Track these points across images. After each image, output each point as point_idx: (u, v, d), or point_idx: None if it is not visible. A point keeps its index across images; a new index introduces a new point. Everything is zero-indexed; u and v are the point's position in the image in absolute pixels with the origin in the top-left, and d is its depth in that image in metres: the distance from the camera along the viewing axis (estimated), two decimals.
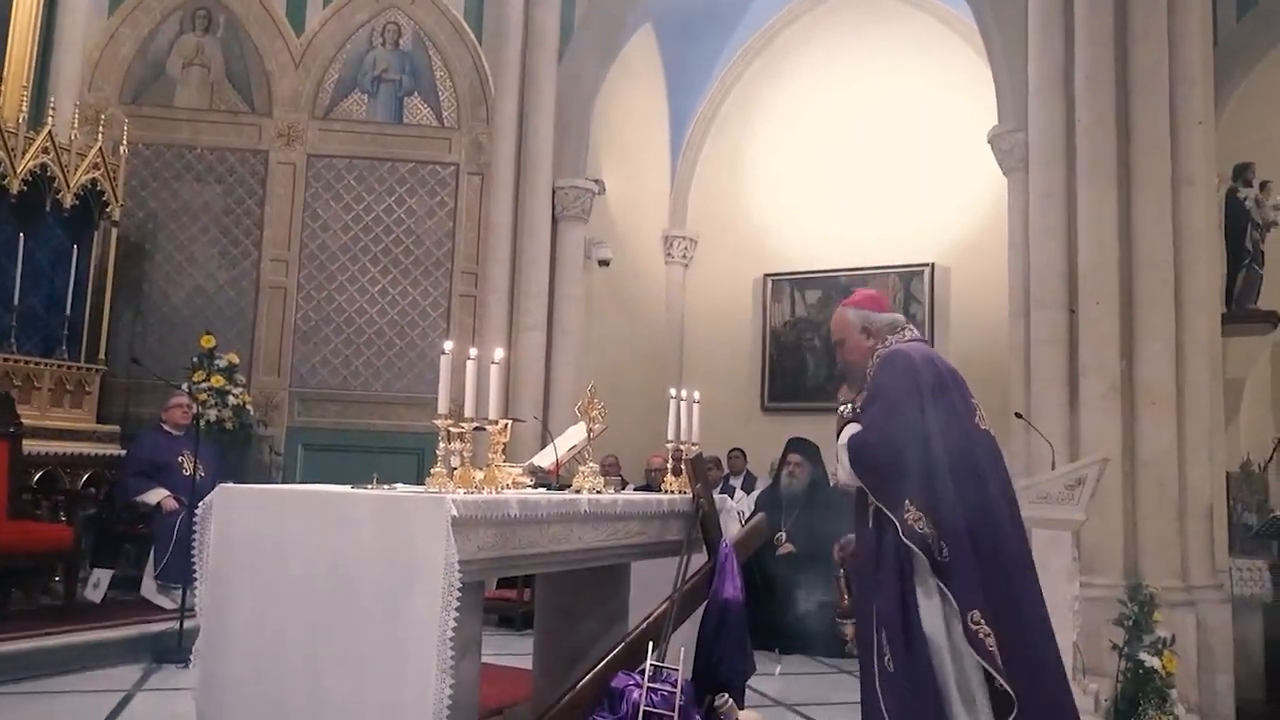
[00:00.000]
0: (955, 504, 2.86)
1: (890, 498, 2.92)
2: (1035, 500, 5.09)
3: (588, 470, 3.56)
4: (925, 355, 3.06)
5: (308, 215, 8.40)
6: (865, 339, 3.18)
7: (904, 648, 2.91)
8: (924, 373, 2.98)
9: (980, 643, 2.77)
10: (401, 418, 8.34)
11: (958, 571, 2.82)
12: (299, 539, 2.85)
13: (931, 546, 2.84)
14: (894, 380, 2.98)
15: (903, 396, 2.94)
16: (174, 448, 6.57)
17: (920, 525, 2.85)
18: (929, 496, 2.86)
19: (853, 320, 3.21)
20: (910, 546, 2.86)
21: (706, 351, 10.62)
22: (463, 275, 8.51)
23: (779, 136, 10.66)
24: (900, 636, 2.91)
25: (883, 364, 3.06)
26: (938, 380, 2.98)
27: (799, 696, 5.01)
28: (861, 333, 3.19)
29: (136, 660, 5.31)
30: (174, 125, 8.29)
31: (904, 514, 2.87)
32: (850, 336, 3.21)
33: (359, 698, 2.65)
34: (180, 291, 8.17)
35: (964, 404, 3.01)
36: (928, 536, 2.84)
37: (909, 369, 2.98)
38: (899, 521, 2.88)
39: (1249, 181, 7.39)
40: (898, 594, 2.92)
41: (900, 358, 3.03)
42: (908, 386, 2.95)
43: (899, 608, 2.92)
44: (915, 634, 2.89)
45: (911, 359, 3.01)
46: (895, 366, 3.01)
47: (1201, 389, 6.09)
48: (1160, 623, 5.16)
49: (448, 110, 8.66)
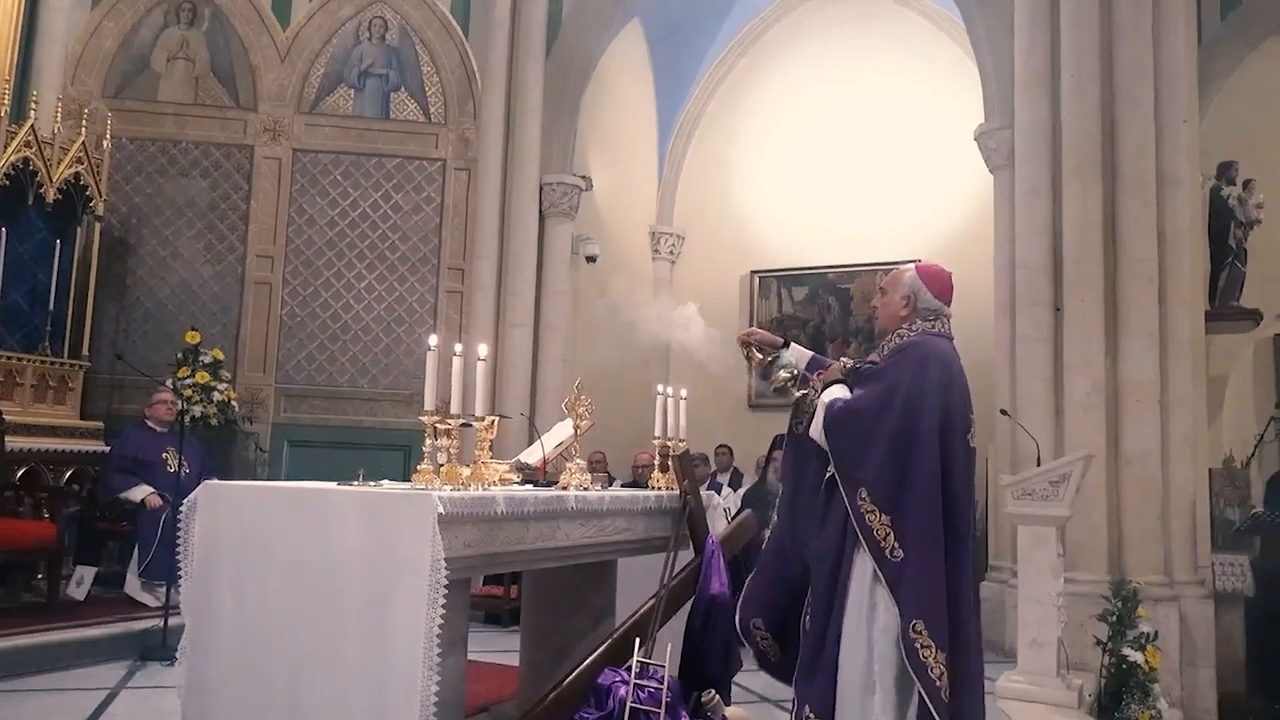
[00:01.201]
0: (931, 512, 2.81)
1: (846, 479, 2.89)
2: (1020, 496, 5.12)
3: (575, 467, 3.56)
4: (945, 363, 2.96)
5: (293, 210, 8.36)
6: (903, 307, 3.05)
7: (824, 615, 2.91)
8: (938, 381, 2.90)
9: (916, 654, 2.69)
10: (387, 414, 8.31)
11: (911, 576, 2.76)
12: (284, 536, 2.84)
13: (881, 544, 2.80)
14: (907, 375, 2.90)
15: (905, 395, 2.87)
16: (158, 444, 6.53)
17: (871, 518, 2.82)
18: (892, 495, 2.82)
19: (906, 284, 3.07)
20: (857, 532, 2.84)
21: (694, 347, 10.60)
22: (449, 271, 8.49)
23: (766, 133, 10.68)
24: (824, 602, 2.91)
25: (905, 352, 2.97)
26: (949, 390, 2.91)
27: (784, 692, 5.00)
28: (903, 299, 3.06)
29: (121, 658, 5.28)
30: (158, 119, 8.23)
31: (857, 501, 2.85)
32: (893, 296, 3.09)
33: (344, 695, 2.64)
34: (165, 287, 8.11)
35: (962, 419, 2.95)
36: (876, 531, 2.81)
37: (925, 370, 2.90)
38: (849, 504, 2.86)
39: (1232, 180, 7.45)
40: (834, 557, 2.91)
41: (923, 357, 2.93)
42: (918, 386, 2.88)
43: (831, 571, 2.91)
44: (837, 604, 2.87)
45: (931, 363, 2.91)
46: (914, 363, 2.92)
47: (1185, 386, 6.14)
48: (1144, 618, 5.21)
49: (435, 105, 8.63)
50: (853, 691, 2.81)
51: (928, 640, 2.70)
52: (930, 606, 2.73)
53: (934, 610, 2.73)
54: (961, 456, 2.90)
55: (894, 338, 3.06)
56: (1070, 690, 4.98)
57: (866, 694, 2.78)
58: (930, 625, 2.71)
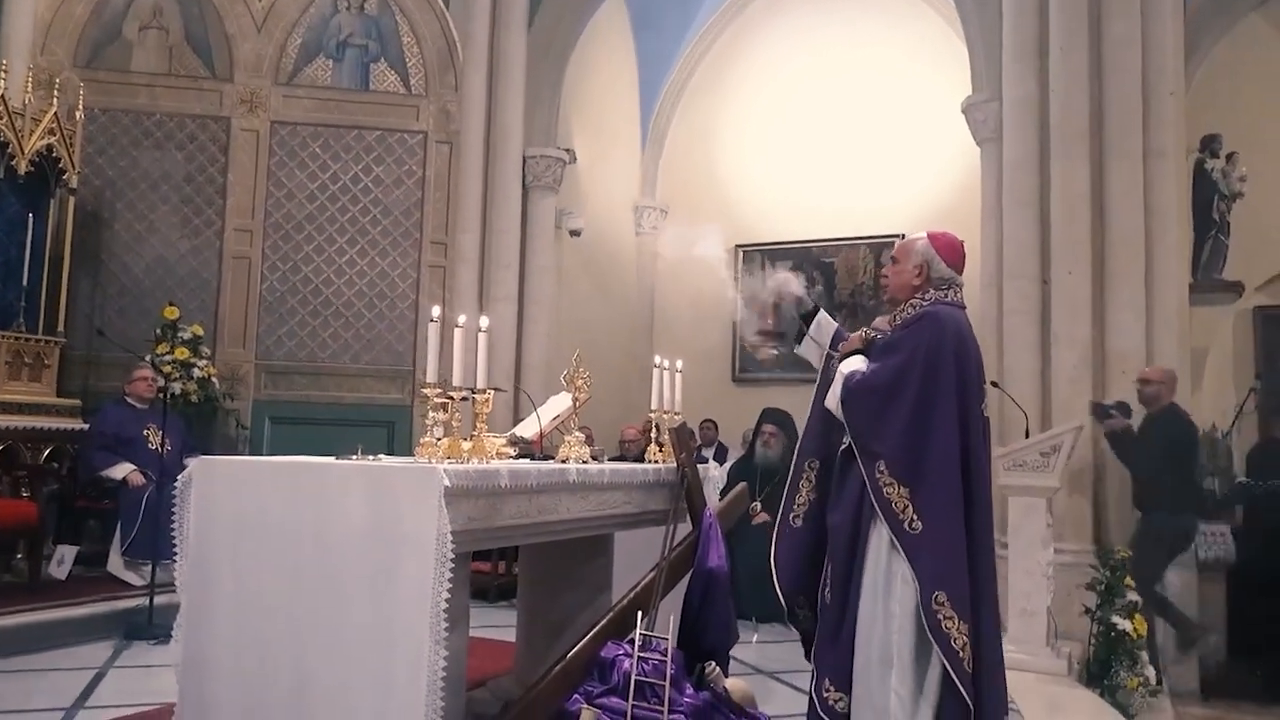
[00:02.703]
0: (949, 483, 2.80)
1: (864, 452, 2.88)
2: (1011, 468, 5.16)
3: (574, 440, 3.52)
4: (960, 330, 2.94)
5: (272, 184, 8.21)
6: (916, 276, 3.01)
7: (842, 587, 2.90)
8: (954, 351, 2.88)
9: (939, 625, 2.68)
10: (370, 390, 8.23)
11: (930, 548, 2.75)
12: (283, 511, 2.79)
13: (900, 517, 2.79)
14: (923, 346, 2.87)
15: (922, 367, 2.85)
16: (139, 421, 6.42)
17: (889, 491, 2.81)
18: (911, 469, 2.81)
19: (918, 252, 3.03)
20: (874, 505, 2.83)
21: (677, 323, 10.58)
22: (432, 246, 8.39)
23: (750, 107, 10.62)
24: (843, 574, 2.91)
25: (920, 323, 2.93)
26: (964, 360, 2.89)
27: (778, 664, 5.04)
28: (916, 268, 3.01)
29: (106, 637, 5.20)
30: (131, 90, 8.04)
31: (875, 474, 2.84)
32: (905, 265, 3.04)
33: (348, 670, 2.61)
34: (141, 262, 7.96)
35: (977, 388, 2.94)
36: (894, 504, 2.80)
37: (941, 341, 2.87)
38: (867, 477, 2.85)
39: (1216, 153, 7.49)
40: (851, 529, 2.90)
41: (939, 326, 2.90)
42: (933, 357, 2.86)
43: (849, 543, 2.90)
44: (855, 577, 2.87)
45: (946, 333, 2.89)
46: (930, 333, 2.89)
47: (1170, 358, 6.18)
48: (1131, 587, 5.27)
49: (415, 77, 8.49)
50: (871, 664, 2.81)
51: (950, 611, 2.70)
52: (951, 577, 2.73)
53: (955, 581, 2.73)
54: (977, 426, 2.90)
55: (907, 307, 3.03)
56: (1060, 658, 5.05)
57: (885, 666, 2.78)
58: (952, 596, 2.72)
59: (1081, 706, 4.59)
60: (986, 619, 2.80)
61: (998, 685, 2.81)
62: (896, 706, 2.76)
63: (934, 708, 2.76)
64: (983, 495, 2.87)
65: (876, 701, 2.78)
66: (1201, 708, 5.73)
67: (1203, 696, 5.86)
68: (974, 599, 2.76)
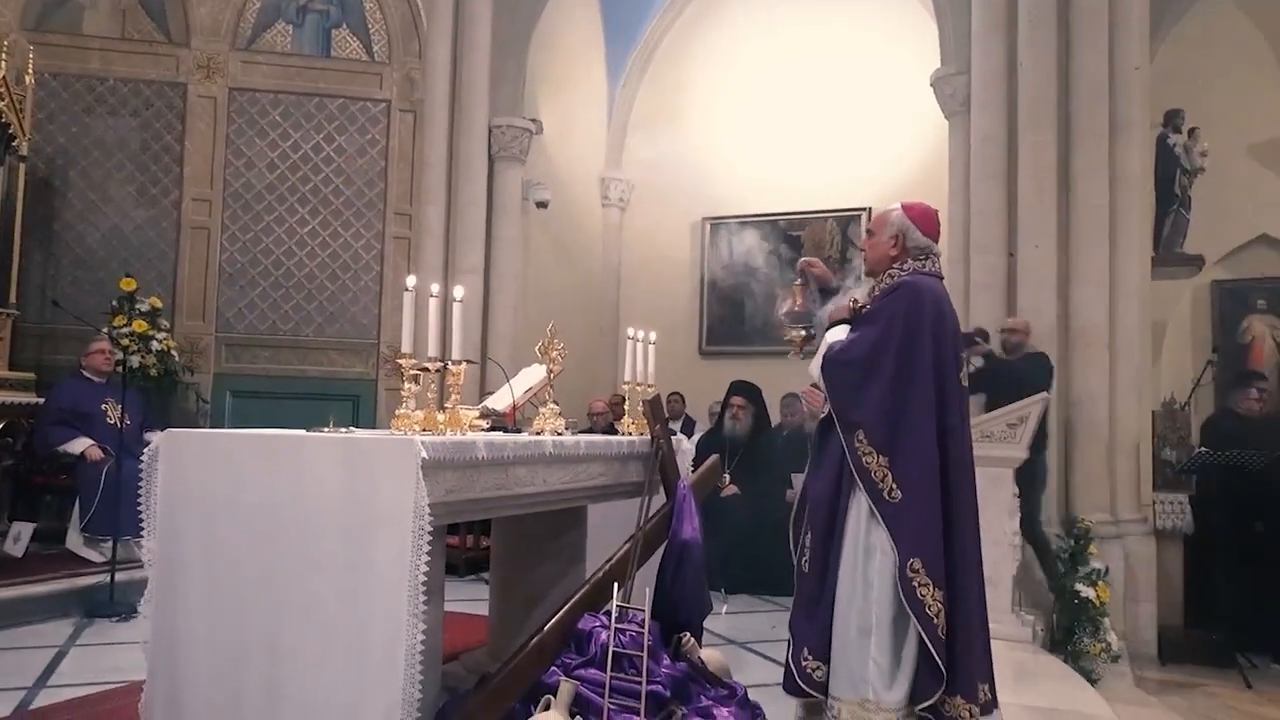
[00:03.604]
0: (928, 452, 2.81)
1: (843, 421, 2.88)
2: (979, 439, 5.17)
3: (549, 412, 3.49)
4: (937, 300, 2.94)
5: (231, 152, 8.03)
6: (892, 247, 3.00)
7: (821, 556, 2.91)
8: (932, 321, 2.87)
9: (913, 592, 2.70)
10: (334, 364, 8.12)
11: (908, 517, 2.76)
12: (255, 485, 2.73)
13: (879, 486, 2.80)
14: (900, 317, 2.87)
15: (900, 337, 2.84)
16: (96, 395, 6.27)
17: (868, 460, 2.81)
18: (889, 438, 2.81)
19: (894, 223, 3.02)
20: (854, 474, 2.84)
21: (644, 295, 10.54)
22: (396, 216, 8.26)
23: (717, 79, 10.53)
24: (822, 543, 2.91)
25: (898, 292, 2.93)
26: (941, 331, 2.89)
27: (748, 635, 5.07)
28: (891, 239, 3.01)
29: (66, 615, 5.11)
30: (83, 55, 7.80)
31: (854, 443, 2.84)
32: (881, 237, 3.04)
33: (325, 643, 2.56)
34: (95, 232, 7.76)
35: (955, 358, 2.94)
36: (874, 473, 2.81)
37: (919, 311, 2.87)
38: (847, 446, 2.86)
39: (1178, 128, 7.57)
40: (831, 498, 2.91)
41: (917, 296, 2.90)
42: (911, 327, 2.85)
43: (829, 512, 2.91)
44: (834, 545, 2.88)
45: (924, 303, 2.88)
46: (907, 303, 2.89)
47: (1132, 331, 6.28)
48: (1094, 555, 5.36)
49: (378, 44, 8.32)
50: (849, 632, 2.81)
51: (925, 578, 2.71)
52: (927, 545, 2.74)
53: (931, 548, 2.74)
54: (956, 394, 2.90)
55: (885, 278, 3.02)
56: (1025, 626, 5.13)
57: (863, 635, 2.79)
58: (927, 563, 2.72)
59: (1046, 672, 4.67)
60: (966, 586, 2.81)
61: (978, 651, 2.83)
62: (875, 675, 2.77)
63: (911, 676, 2.78)
64: (963, 463, 2.88)
65: (855, 670, 2.79)
66: (1159, 671, 5.87)
67: (1160, 661, 6.00)
68: (951, 567, 2.77)
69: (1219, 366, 7.86)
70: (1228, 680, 5.65)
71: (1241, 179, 7.97)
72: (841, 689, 2.82)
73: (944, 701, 2.74)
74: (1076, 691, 4.41)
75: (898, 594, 2.74)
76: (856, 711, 2.79)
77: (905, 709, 2.77)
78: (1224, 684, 5.60)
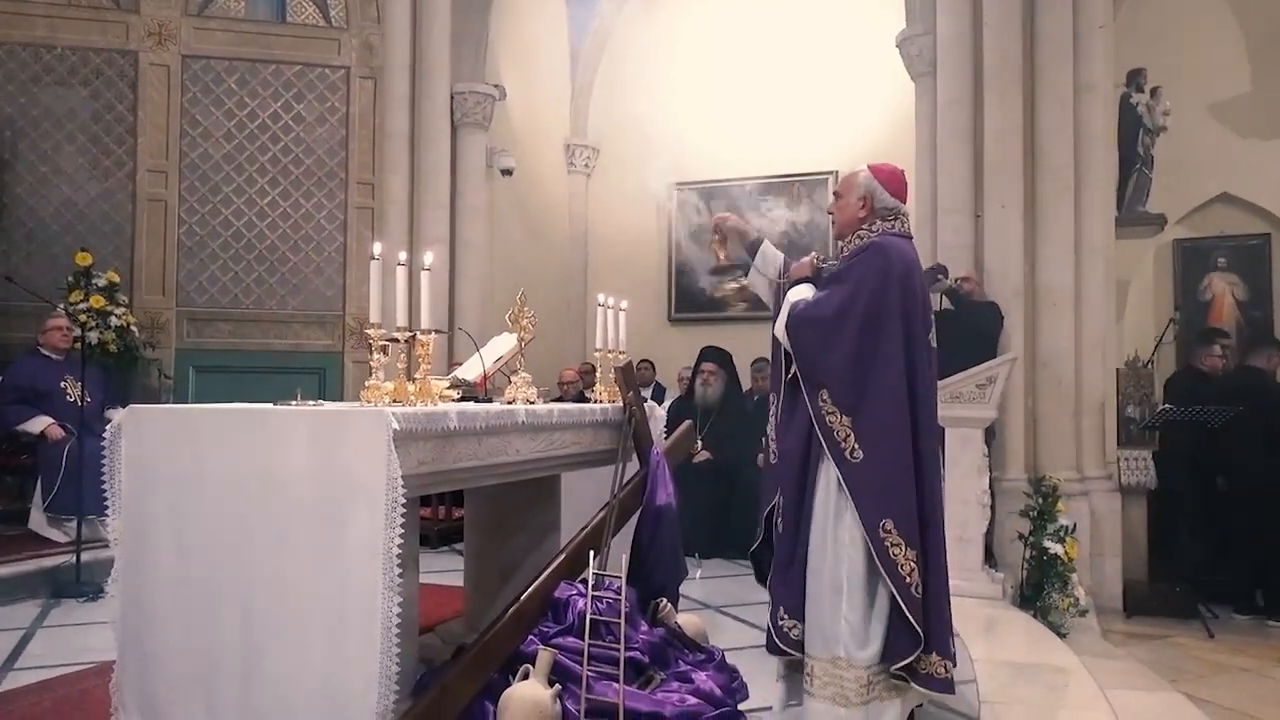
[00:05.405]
0: (895, 412, 2.79)
1: (809, 380, 2.87)
2: (949, 400, 5.24)
3: (521, 381, 3.45)
4: (907, 262, 2.91)
5: (186, 122, 7.83)
6: (860, 208, 2.99)
7: (793, 516, 2.92)
8: (900, 281, 2.85)
9: (886, 552, 2.71)
10: (299, 336, 8.01)
11: (870, 477, 2.76)
12: (223, 460, 2.67)
13: (841, 446, 2.80)
14: (869, 277, 2.85)
15: (868, 297, 2.82)
16: (55, 372, 6.14)
17: (831, 419, 2.81)
18: (856, 398, 2.80)
19: (860, 184, 3.01)
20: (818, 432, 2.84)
21: (612, 263, 10.49)
22: (358, 186, 8.12)
23: (681, 43, 10.43)
24: (794, 504, 2.91)
25: (868, 254, 2.91)
26: (910, 291, 2.87)
27: (723, 599, 5.10)
28: (860, 200, 2.99)
29: (31, 596, 5.02)
30: (28, 21, 7.55)
31: (818, 402, 2.83)
32: (849, 198, 3.02)
33: (300, 618, 2.53)
34: (47, 206, 7.55)
35: (924, 320, 2.93)
36: (837, 432, 2.80)
37: (888, 270, 2.85)
38: (811, 406, 2.85)
39: (1141, 87, 7.61)
40: (801, 458, 2.91)
41: (885, 256, 2.88)
42: (878, 288, 2.83)
43: (800, 473, 2.91)
44: (805, 506, 2.88)
45: (893, 263, 2.86)
46: (876, 263, 2.87)
47: (1097, 291, 6.34)
48: (1062, 512, 5.44)
49: (335, 8, 8.13)
50: (822, 592, 2.82)
51: (897, 539, 2.72)
52: (897, 505, 2.74)
53: (901, 509, 2.74)
54: (924, 355, 2.90)
55: (854, 239, 3.00)
56: (995, 583, 5.21)
57: (836, 594, 2.79)
58: (899, 523, 2.73)
59: (1016, 627, 4.75)
60: (936, 543, 2.83)
61: (943, 608, 2.85)
62: (847, 633, 2.78)
63: (883, 634, 2.79)
64: (930, 425, 2.88)
65: (828, 629, 2.81)
66: (1124, 624, 5.99)
67: (1125, 614, 6.12)
68: (923, 525, 2.78)
69: (1181, 324, 7.98)
70: (1191, 631, 5.78)
71: (1202, 137, 8.04)
72: (815, 647, 2.84)
73: (919, 659, 2.76)
74: (1046, 645, 4.49)
75: (869, 552, 2.75)
76: (829, 669, 2.81)
77: (879, 667, 2.79)
78: (1188, 635, 5.73)
